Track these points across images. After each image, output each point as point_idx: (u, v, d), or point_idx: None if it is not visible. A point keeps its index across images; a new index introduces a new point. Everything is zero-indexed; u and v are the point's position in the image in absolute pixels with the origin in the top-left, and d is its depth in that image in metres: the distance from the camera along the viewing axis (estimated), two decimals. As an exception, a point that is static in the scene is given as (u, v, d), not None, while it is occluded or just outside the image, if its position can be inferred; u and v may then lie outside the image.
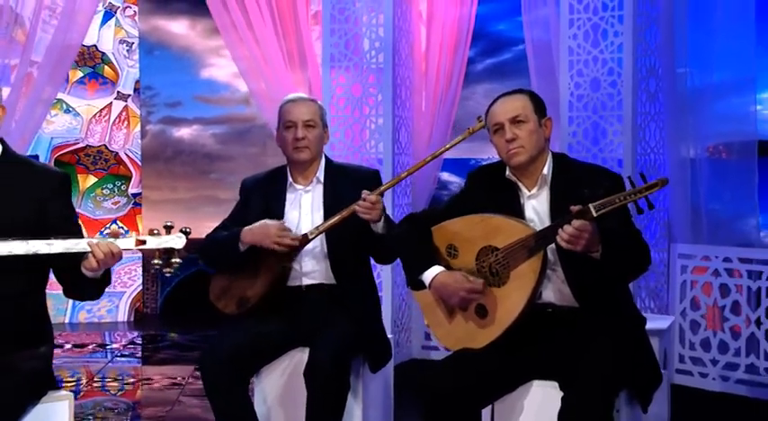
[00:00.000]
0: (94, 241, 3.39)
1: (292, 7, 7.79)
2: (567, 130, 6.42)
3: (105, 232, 3.52)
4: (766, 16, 6.81)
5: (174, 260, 3.40)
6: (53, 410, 3.58)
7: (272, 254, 4.49)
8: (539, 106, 3.95)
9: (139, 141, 10.10)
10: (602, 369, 3.61)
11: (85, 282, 3.51)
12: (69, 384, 6.78)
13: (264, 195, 4.74)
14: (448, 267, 3.93)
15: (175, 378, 7.02)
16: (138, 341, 8.86)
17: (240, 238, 4.50)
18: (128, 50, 10.09)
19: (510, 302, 3.78)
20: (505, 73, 9.24)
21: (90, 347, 8.48)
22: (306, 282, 4.62)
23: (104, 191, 10.04)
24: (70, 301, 9.27)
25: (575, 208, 3.55)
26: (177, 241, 3.42)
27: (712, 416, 5.94)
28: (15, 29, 8.88)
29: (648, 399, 3.83)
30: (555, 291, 3.84)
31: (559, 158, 3.98)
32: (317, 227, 4.53)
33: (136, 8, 10.09)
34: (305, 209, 4.67)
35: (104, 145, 9.98)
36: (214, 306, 4.71)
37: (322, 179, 4.70)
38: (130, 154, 10.07)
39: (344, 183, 4.67)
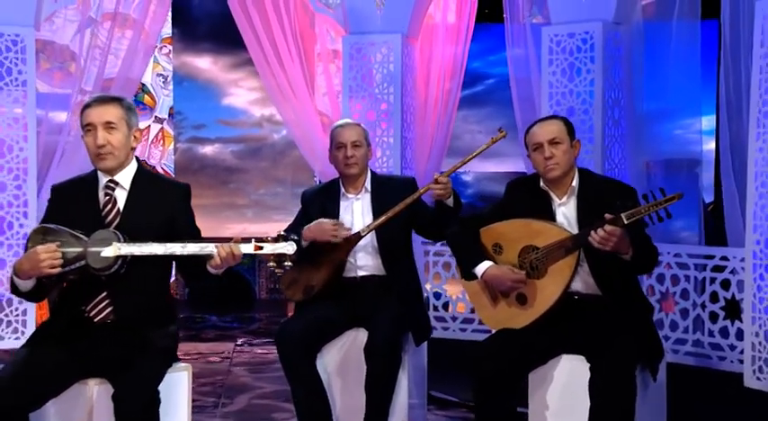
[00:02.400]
0: (220, 245, 3.38)
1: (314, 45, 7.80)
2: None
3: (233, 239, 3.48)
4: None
5: (285, 263, 3.40)
6: (177, 379, 3.60)
7: (332, 250, 4.50)
8: (570, 130, 4.00)
9: (173, 157, 10.06)
10: (625, 344, 3.67)
11: (206, 275, 3.50)
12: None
13: (322, 204, 4.76)
14: (494, 262, 3.97)
15: (222, 352, 6.99)
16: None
17: (302, 237, 4.51)
18: (163, 82, 10.06)
19: (547, 292, 3.83)
20: (478, 102, 9.32)
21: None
22: (360, 273, 4.66)
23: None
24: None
25: (608, 216, 3.59)
26: (289, 248, 3.41)
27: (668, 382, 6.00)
28: (70, 63, 8.84)
29: (656, 370, 3.87)
30: (582, 282, 3.89)
31: (584, 173, 4.03)
32: (368, 225, 4.55)
33: (170, 47, 10.05)
34: (356, 213, 4.70)
35: (144, 160, 9.90)
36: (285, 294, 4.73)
37: (369, 188, 4.73)
38: (165, 167, 10.03)
39: (387, 191, 4.71)
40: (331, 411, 4.50)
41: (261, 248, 3.39)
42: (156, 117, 9.87)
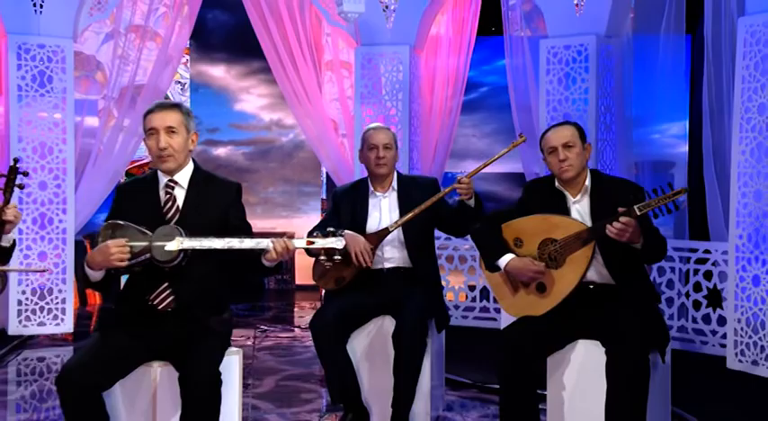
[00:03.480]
0: (275, 240, 3.38)
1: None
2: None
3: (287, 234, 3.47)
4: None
5: (335, 257, 3.39)
6: (230, 362, 3.58)
7: None
8: (582, 134, 4.00)
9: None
10: (638, 330, 3.68)
11: (259, 268, 3.49)
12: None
13: (352, 201, 4.75)
14: (515, 255, 3.99)
15: (244, 338, 6.98)
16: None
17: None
18: (181, 89, 10.06)
19: (565, 281, 3.83)
20: (472, 108, 9.32)
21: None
22: (387, 265, 4.65)
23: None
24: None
25: (622, 209, 3.62)
26: (338, 243, 3.40)
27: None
28: (96, 72, 8.85)
29: (664, 353, 3.89)
30: (596, 273, 3.88)
31: (595, 172, 4.03)
32: (396, 221, 4.57)
33: (188, 57, 10.03)
34: (384, 210, 4.69)
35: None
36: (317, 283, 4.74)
37: (396, 187, 4.73)
38: (183, 167, 9.99)
39: (413, 190, 4.71)
40: (360, 391, 4.52)
41: (312, 243, 3.38)
42: (174, 121, 9.86)
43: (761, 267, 5.66)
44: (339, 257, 3.38)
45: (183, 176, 3.60)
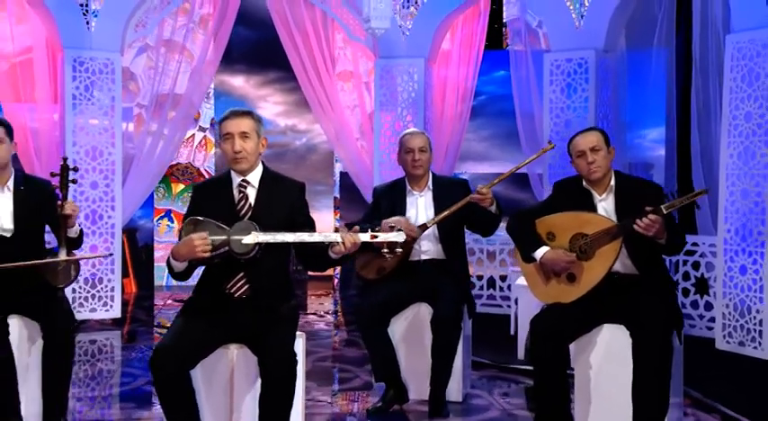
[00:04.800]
0: (344, 234, 3.37)
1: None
2: (549, 154, 6.53)
3: (354, 228, 3.47)
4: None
5: (397, 249, 3.38)
6: (296, 344, 3.57)
7: None
8: (606, 139, 4.02)
9: (213, 160, 9.99)
10: (661, 314, 3.71)
11: (327, 260, 3.47)
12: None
13: (391, 199, 4.76)
14: (548, 248, 4.01)
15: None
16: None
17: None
18: (206, 97, 10.00)
19: (594, 272, 3.84)
20: (472, 115, 9.33)
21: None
22: (423, 257, 4.66)
23: (189, 194, 9.86)
24: (166, 271, 9.08)
25: (649, 208, 3.65)
26: (399, 237, 3.40)
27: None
28: (130, 83, 8.83)
29: (681, 335, 3.93)
30: (621, 263, 3.89)
31: (618, 173, 4.06)
32: (433, 218, 4.58)
33: (212, 68, 10.00)
34: (420, 208, 4.70)
35: (190, 162, 9.84)
36: (360, 273, 4.75)
37: (431, 187, 4.74)
38: (207, 169, 9.96)
39: (446, 189, 4.72)
40: (400, 370, 4.55)
41: (376, 237, 3.38)
42: (200, 126, 9.79)
43: (747, 258, 5.73)
44: (401, 250, 3.38)
45: (254, 176, 3.60)
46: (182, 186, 9.86)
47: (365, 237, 3.39)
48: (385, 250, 3.44)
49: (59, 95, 6.71)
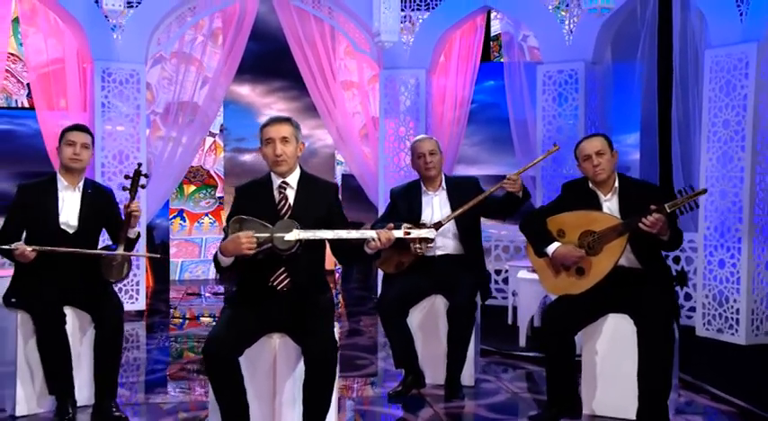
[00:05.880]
0: (378, 231, 3.39)
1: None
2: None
3: (387, 227, 3.49)
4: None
5: (428, 245, 3.41)
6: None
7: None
8: (610, 143, 4.06)
9: (222, 163, 9.97)
10: (663, 304, 3.78)
11: (362, 255, 3.50)
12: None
13: (408, 199, 4.77)
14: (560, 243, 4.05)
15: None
16: (220, 290, 8.72)
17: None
18: (216, 104, 9.98)
19: (601, 266, 3.88)
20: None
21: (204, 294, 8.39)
22: (438, 252, 4.66)
23: (200, 195, 9.86)
24: (179, 265, 9.18)
25: (654, 207, 3.69)
26: (430, 233, 3.42)
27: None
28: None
29: (679, 324, 3.98)
30: (625, 258, 3.92)
31: (621, 175, 4.10)
32: (448, 216, 4.59)
33: (221, 78, 9.97)
34: (435, 206, 4.70)
35: (200, 165, 9.82)
36: (379, 268, 4.77)
37: (444, 187, 4.74)
38: (217, 171, 9.94)
39: (459, 188, 4.73)
40: (418, 358, 4.58)
41: (409, 233, 3.41)
42: (210, 132, 9.77)
43: (725, 253, 5.81)
44: (431, 245, 3.40)
45: (293, 178, 3.62)
46: (193, 187, 9.83)
47: (399, 233, 3.42)
48: (417, 245, 3.47)
49: (89, 103, 6.68)
